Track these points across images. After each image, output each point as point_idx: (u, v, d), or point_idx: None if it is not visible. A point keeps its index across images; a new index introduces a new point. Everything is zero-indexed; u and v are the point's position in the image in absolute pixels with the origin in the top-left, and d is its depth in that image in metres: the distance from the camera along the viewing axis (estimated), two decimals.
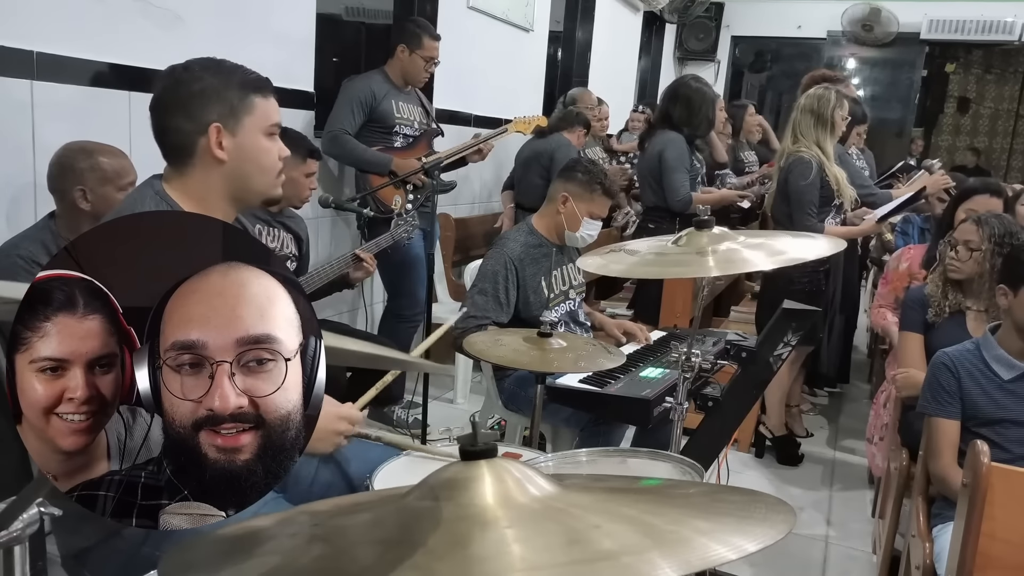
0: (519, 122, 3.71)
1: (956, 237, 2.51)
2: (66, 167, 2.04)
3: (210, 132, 1.39)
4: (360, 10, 4.81)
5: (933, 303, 2.51)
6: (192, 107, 1.38)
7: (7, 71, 2.19)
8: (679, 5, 8.44)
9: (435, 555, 0.59)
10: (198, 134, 1.39)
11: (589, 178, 2.54)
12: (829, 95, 3.18)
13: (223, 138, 1.40)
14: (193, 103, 1.38)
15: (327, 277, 2.72)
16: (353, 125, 3.29)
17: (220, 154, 1.40)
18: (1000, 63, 10.55)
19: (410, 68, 3.40)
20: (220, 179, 1.42)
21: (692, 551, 0.59)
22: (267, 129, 1.46)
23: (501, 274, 2.47)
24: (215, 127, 1.39)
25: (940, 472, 2.01)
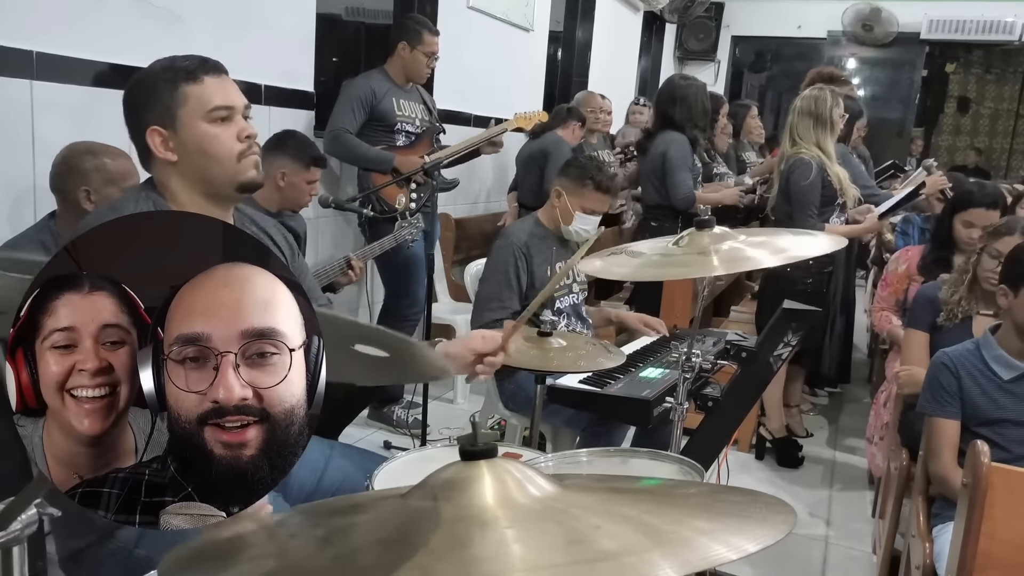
0: (520, 117, 3.71)
1: (998, 248, 2.37)
2: (71, 167, 2.04)
3: (149, 136, 1.41)
4: (360, 10, 4.81)
5: (947, 308, 2.49)
6: (132, 115, 1.42)
7: (7, 71, 2.19)
8: (679, 5, 8.44)
9: (435, 555, 0.59)
10: (143, 140, 1.42)
11: (580, 173, 2.57)
12: (825, 95, 3.19)
13: (167, 138, 1.41)
14: (133, 111, 1.42)
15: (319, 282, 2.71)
16: (354, 124, 3.29)
17: (167, 155, 1.41)
18: (1000, 63, 10.55)
19: (412, 65, 3.40)
20: (179, 178, 1.44)
21: (692, 551, 0.59)
22: (207, 116, 1.41)
23: (510, 262, 2.50)
24: (152, 130, 1.41)
25: (940, 472, 2.01)
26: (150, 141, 1.41)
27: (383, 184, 3.28)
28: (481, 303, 2.52)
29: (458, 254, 4.33)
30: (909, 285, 3.08)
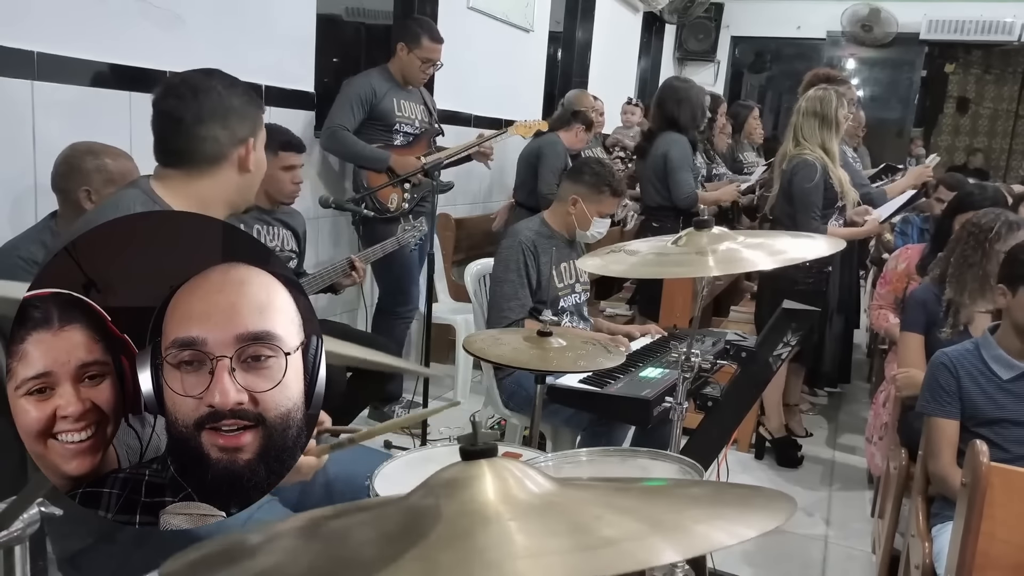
0: (520, 126, 3.70)
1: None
2: (73, 167, 2.04)
3: (248, 145, 1.47)
4: (360, 10, 4.80)
5: (952, 309, 2.45)
6: (231, 120, 1.45)
7: (7, 71, 2.19)
8: (679, 5, 8.44)
9: (438, 547, 0.59)
10: (232, 146, 1.45)
11: (597, 180, 2.60)
12: (829, 95, 3.17)
13: (251, 151, 1.48)
14: (232, 116, 1.45)
15: (322, 283, 2.71)
16: (352, 122, 3.29)
17: (250, 166, 1.48)
18: (999, 63, 10.55)
19: (407, 67, 3.39)
20: (235, 187, 1.49)
21: (693, 536, 0.60)
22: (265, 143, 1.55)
23: (521, 260, 2.53)
24: (251, 141, 1.48)
25: (940, 472, 2.01)
26: (245, 148, 1.46)
27: (380, 185, 3.28)
28: (499, 304, 2.53)
29: (458, 254, 4.33)
30: (908, 284, 3.08)
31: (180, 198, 1.44)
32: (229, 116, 1.45)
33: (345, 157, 3.45)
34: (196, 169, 1.45)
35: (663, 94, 3.82)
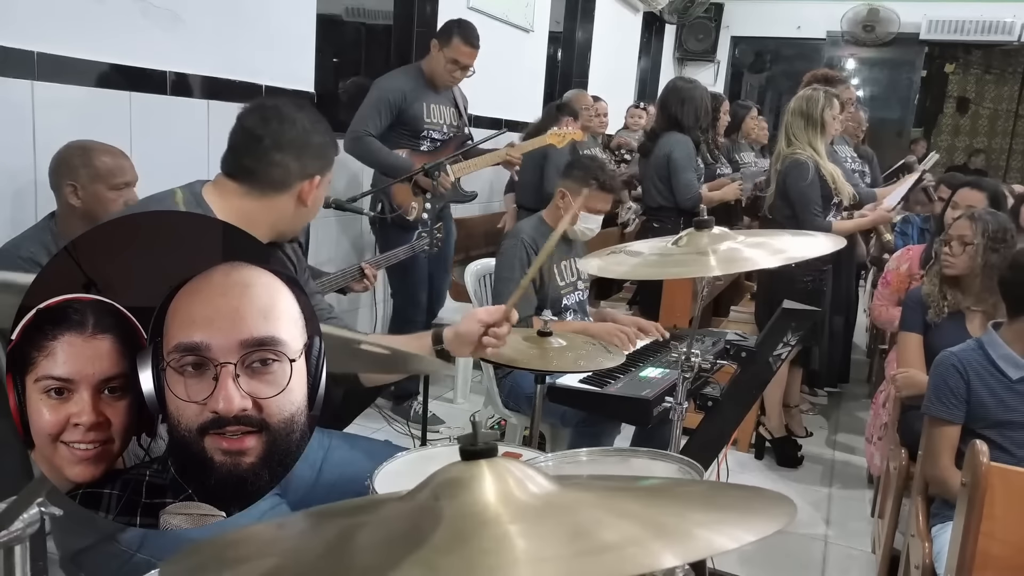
0: (554, 135, 3.61)
1: (951, 233, 2.53)
2: (61, 163, 2.05)
3: (313, 182, 1.48)
4: (360, 10, 4.80)
5: (931, 303, 2.51)
6: (306, 154, 1.46)
7: (7, 71, 2.20)
8: (679, 5, 8.44)
9: (439, 550, 0.59)
10: (300, 178, 1.46)
11: (584, 174, 2.59)
12: (817, 96, 3.19)
13: (314, 188, 1.49)
14: (308, 151, 1.46)
15: (332, 287, 2.71)
16: (379, 127, 3.22)
17: (309, 202, 1.49)
18: (999, 63, 10.55)
19: (435, 65, 3.32)
20: (288, 217, 1.50)
21: (694, 540, 0.60)
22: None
23: (523, 257, 2.54)
24: (317, 178, 1.48)
25: (939, 475, 2.00)
26: (311, 184, 1.48)
27: (387, 184, 3.25)
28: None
29: (458, 254, 4.32)
30: (910, 284, 3.08)
31: (229, 210, 1.43)
32: (305, 150, 1.46)
33: (368, 163, 3.38)
34: (258, 189, 1.45)
35: (667, 94, 3.81)
